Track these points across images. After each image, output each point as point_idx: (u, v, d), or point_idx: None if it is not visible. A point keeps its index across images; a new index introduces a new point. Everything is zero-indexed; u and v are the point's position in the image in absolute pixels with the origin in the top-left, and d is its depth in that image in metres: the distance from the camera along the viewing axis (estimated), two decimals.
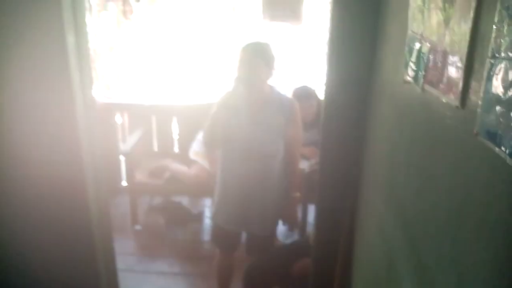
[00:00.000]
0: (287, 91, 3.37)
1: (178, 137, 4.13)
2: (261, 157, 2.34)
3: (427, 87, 1.06)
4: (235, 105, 2.17)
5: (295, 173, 2.50)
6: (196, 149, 3.61)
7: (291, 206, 2.50)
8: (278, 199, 2.46)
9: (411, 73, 1.16)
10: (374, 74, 1.63)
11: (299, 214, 3.26)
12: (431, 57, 1.04)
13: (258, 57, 2.26)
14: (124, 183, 4.14)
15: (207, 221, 3.79)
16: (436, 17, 1.01)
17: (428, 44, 1.06)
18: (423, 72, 1.08)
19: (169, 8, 8.38)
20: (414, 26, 1.16)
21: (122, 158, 3.84)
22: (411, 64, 1.16)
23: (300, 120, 2.48)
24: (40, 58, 1.68)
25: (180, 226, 3.71)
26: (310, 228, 3.32)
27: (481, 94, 0.79)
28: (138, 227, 3.67)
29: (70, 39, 1.60)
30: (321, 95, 3.82)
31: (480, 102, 0.80)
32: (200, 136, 3.70)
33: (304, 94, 3.33)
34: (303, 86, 3.49)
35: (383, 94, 1.48)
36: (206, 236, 3.63)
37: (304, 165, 3.27)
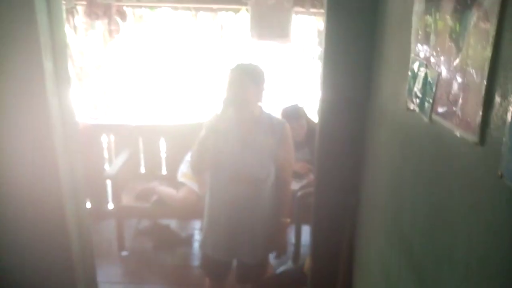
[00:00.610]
0: (277, 111, 3.27)
1: (165, 158, 3.98)
2: (251, 181, 2.22)
3: (436, 117, 0.95)
4: (224, 128, 2.05)
5: (286, 198, 2.38)
6: (184, 171, 3.47)
7: (281, 232, 2.37)
8: (269, 225, 2.33)
9: (415, 100, 1.06)
10: (371, 96, 1.52)
11: (292, 238, 3.14)
12: (440, 84, 0.94)
13: (247, 78, 2.15)
14: (110, 206, 3.98)
15: (197, 245, 3.63)
16: (445, 41, 0.91)
17: (436, 71, 0.95)
18: (431, 101, 0.98)
19: (156, 27, 8.29)
20: (418, 50, 1.06)
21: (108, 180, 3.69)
22: (416, 91, 1.06)
23: (291, 142, 2.36)
24: (17, 84, 1.56)
25: (168, 250, 3.54)
26: (304, 250, 3.18)
27: (506, 130, 0.69)
28: (124, 253, 3.50)
29: (48, 64, 1.47)
30: (310, 113, 3.74)
31: (504, 139, 0.69)
32: (188, 157, 3.56)
33: (294, 114, 3.23)
34: (293, 106, 3.40)
35: (382, 119, 1.38)
36: (196, 261, 3.47)
37: (295, 186, 3.16)
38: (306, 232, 3.62)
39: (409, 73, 1.10)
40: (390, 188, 1.29)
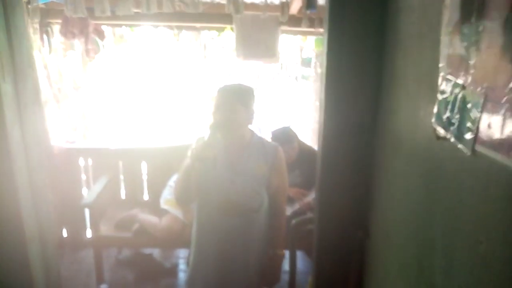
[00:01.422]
0: (266, 133, 3.07)
1: (147, 183, 3.72)
2: (242, 212, 1.99)
3: (482, 149, 0.76)
4: (211, 156, 1.83)
5: (280, 228, 2.16)
6: (167, 197, 3.21)
7: (275, 266, 2.14)
8: (264, 259, 2.11)
9: (449, 128, 0.87)
10: (380, 121, 1.33)
11: (285, 265, 2.91)
12: (488, 110, 0.75)
13: (236, 100, 1.94)
14: (89, 234, 3.69)
15: (182, 276, 3.36)
16: (493, 57, 0.72)
17: (481, 94, 0.76)
18: (474, 129, 0.78)
19: (138, 47, 8.06)
20: (451, 68, 0.87)
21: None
22: (450, 117, 0.87)
23: (285, 168, 2.16)
24: None
25: (151, 282, 3.26)
26: (299, 278, 2.95)
27: None
28: (104, 286, 3.20)
29: (6, 87, 1.23)
30: (301, 135, 3.56)
31: None
32: (171, 182, 3.32)
33: (285, 137, 3.03)
34: (283, 128, 3.20)
35: (397, 147, 1.18)
36: None
37: (287, 211, 2.95)
38: (300, 258, 3.40)
39: (439, 96, 0.91)
40: (412, 229, 1.09)
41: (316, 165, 1.51)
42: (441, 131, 0.90)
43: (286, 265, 2.90)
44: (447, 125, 0.88)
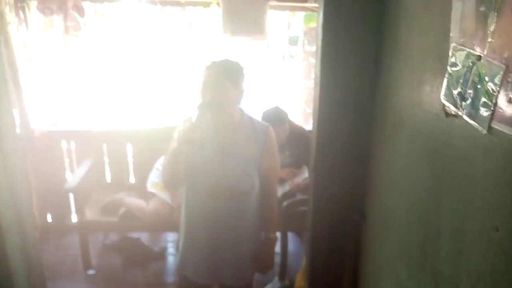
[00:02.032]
0: (256, 114, 2.97)
1: (133, 165, 3.61)
2: (233, 195, 1.91)
3: (501, 127, 0.69)
4: (200, 138, 1.73)
5: (272, 211, 2.08)
6: (154, 180, 3.12)
7: (268, 250, 2.08)
8: (255, 243, 2.04)
9: (461, 104, 0.79)
10: (378, 97, 1.25)
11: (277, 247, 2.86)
12: (507, 83, 0.67)
13: (225, 78, 1.84)
14: (74, 219, 3.59)
15: (171, 259, 3.30)
16: None
17: (501, 66, 0.68)
18: (491, 105, 0.71)
19: (120, 24, 7.80)
20: (464, 37, 0.79)
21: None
22: (462, 92, 0.79)
23: (276, 149, 2.07)
24: None
25: (140, 267, 3.19)
26: (291, 261, 2.90)
27: None
28: (91, 271, 3.12)
29: None
30: (291, 115, 3.48)
31: None
32: (158, 164, 3.22)
33: (276, 118, 2.94)
34: (274, 109, 3.11)
35: (398, 126, 1.10)
36: (170, 277, 3.14)
37: (278, 192, 2.89)
38: (292, 240, 3.36)
39: (449, 68, 0.82)
40: (415, 210, 1.02)
41: (311, 145, 1.43)
42: (451, 108, 0.82)
43: (277, 247, 2.85)
44: (458, 100, 0.80)
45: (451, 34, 0.82)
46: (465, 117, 0.78)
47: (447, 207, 0.87)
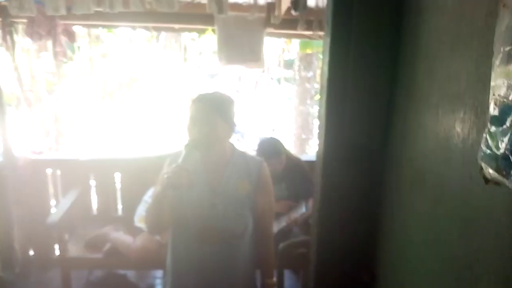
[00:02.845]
0: (251, 145, 2.82)
1: (121, 197, 3.42)
2: (224, 238, 1.73)
3: None
4: (187, 182, 1.56)
5: (269, 254, 1.90)
6: (142, 213, 2.92)
7: None
8: None
9: (508, 171, 0.64)
10: (393, 144, 1.09)
11: None
12: None
13: (214, 112, 1.68)
14: (58, 252, 3.37)
15: None
16: None
17: None
18: None
19: (114, 49, 7.70)
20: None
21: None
22: (508, 154, 0.64)
23: (271, 186, 1.90)
24: None
25: None
26: None
27: None
28: None
29: None
30: (286, 140, 3.33)
31: None
32: (147, 196, 3.03)
33: (272, 149, 2.79)
34: (270, 139, 2.96)
35: (419, 183, 0.94)
36: None
37: (274, 228, 2.70)
38: (287, 277, 3.15)
39: (490, 125, 0.67)
40: (441, 284, 0.85)
41: (314, 194, 1.27)
42: (493, 173, 0.67)
43: None
44: (503, 166, 0.64)
45: (492, 84, 0.67)
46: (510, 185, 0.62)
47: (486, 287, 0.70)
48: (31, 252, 3.42)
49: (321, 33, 2.71)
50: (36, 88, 5.92)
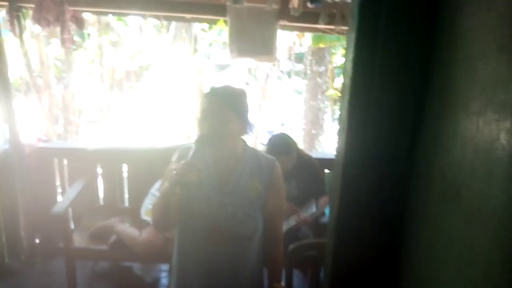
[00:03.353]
0: (258, 132, 2.73)
1: (128, 189, 3.35)
2: (232, 239, 1.65)
3: None
4: (196, 180, 1.48)
5: (278, 257, 1.82)
6: (149, 207, 2.86)
7: None
8: None
9: None
10: (421, 152, 1.00)
11: None
12: None
13: (226, 107, 1.59)
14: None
15: None
16: None
17: None
18: None
19: (124, 36, 7.61)
20: None
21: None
22: None
23: (283, 186, 1.82)
24: None
25: None
26: None
27: None
28: None
29: None
30: (296, 135, 3.23)
31: None
32: (154, 190, 2.96)
33: (283, 146, 2.70)
34: (281, 135, 2.87)
35: (452, 197, 0.85)
36: None
37: (284, 226, 2.63)
38: (295, 275, 3.07)
39: None
40: None
41: (332, 201, 1.18)
42: None
43: None
44: None
45: None
46: None
47: None
48: (37, 241, 3.37)
49: (344, 28, 2.60)
50: (45, 75, 5.87)
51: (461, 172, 0.82)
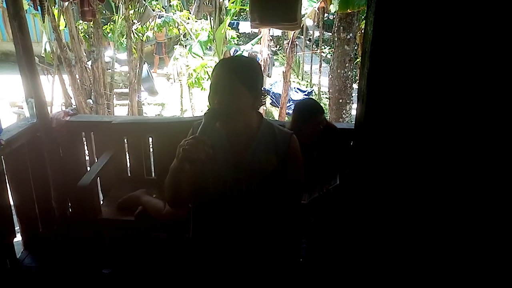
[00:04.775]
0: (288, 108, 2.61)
1: (155, 160, 3.32)
2: (249, 216, 1.57)
3: None
4: (204, 155, 1.38)
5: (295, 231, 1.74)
6: None
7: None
8: (273, 272, 1.70)
9: None
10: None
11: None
12: None
13: (238, 80, 1.47)
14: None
15: None
16: None
17: None
18: None
19: (151, 11, 7.47)
20: None
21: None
22: None
23: (301, 160, 1.70)
24: None
25: (158, 267, 2.93)
26: None
27: None
28: (106, 271, 2.89)
29: None
30: (323, 104, 3.10)
31: None
32: None
33: (313, 108, 2.61)
34: (309, 100, 2.78)
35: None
36: None
37: (305, 198, 2.53)
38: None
39: None
40: None
41: (351, 165, 1.07)
42: None
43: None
44: None
45: None
46: None
47: None
48: (68, 212, 3.42)
49: None
50: (76, 49, 5.86)
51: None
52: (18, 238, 3.07)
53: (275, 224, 1.65)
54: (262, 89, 1.57)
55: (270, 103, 9.55)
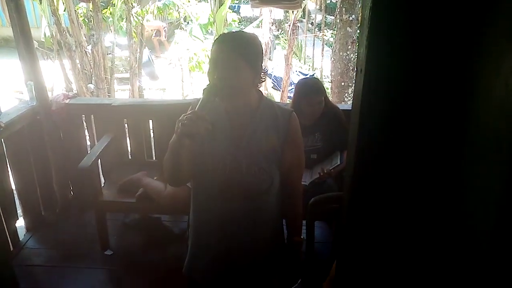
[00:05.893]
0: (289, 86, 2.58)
1: (155, 143, 3.31)
2: (247, 195, 1.55)
3: None
4: (203, 130, 1.36)
5: (297, 211, 1.72)
6: None
7: (294, 255, 1.73)
8: (274, 248, 1.70)
9: None
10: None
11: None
12: None
13: (238, 55, 1.43)
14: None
15: None
16: None
17: None
18: None
19: None
20: None
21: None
22: None
23: (301, 139, 1.67)
24: None
25: (159, 249, 2.94)
26: (318, 252, 2.54)
27: None
28: (108, 252, 2.90)
29: None
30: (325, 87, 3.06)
31: None
32: None
33: (314, 86, 2.59)
34: (312, 78, 2.75)
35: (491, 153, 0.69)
36: None
37: (305, 178, 2.51)
38: (318, 226, 2.99)
39: None
40: None
41: (348, 147, 1.04)
42: None
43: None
44: None
45: None
46: None
47: None
48: (70, 195, 3.43)
49: None
50: (76, 33, 5.81)
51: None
52: (21, 221, 3.08)
53: (275, 204, 1.64)
54: (262, 66, 1.54)
55: (272, 87, 9.49)
